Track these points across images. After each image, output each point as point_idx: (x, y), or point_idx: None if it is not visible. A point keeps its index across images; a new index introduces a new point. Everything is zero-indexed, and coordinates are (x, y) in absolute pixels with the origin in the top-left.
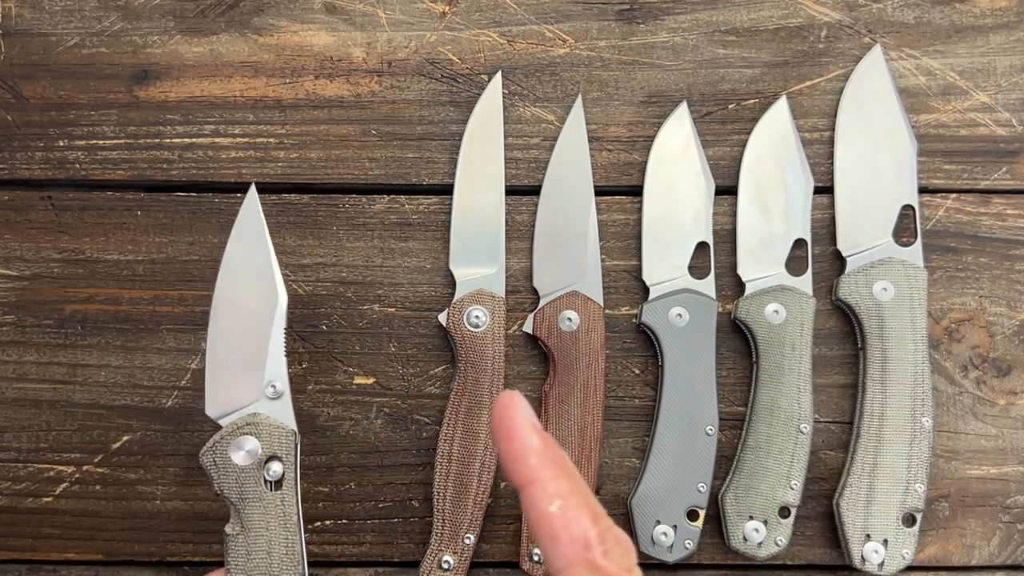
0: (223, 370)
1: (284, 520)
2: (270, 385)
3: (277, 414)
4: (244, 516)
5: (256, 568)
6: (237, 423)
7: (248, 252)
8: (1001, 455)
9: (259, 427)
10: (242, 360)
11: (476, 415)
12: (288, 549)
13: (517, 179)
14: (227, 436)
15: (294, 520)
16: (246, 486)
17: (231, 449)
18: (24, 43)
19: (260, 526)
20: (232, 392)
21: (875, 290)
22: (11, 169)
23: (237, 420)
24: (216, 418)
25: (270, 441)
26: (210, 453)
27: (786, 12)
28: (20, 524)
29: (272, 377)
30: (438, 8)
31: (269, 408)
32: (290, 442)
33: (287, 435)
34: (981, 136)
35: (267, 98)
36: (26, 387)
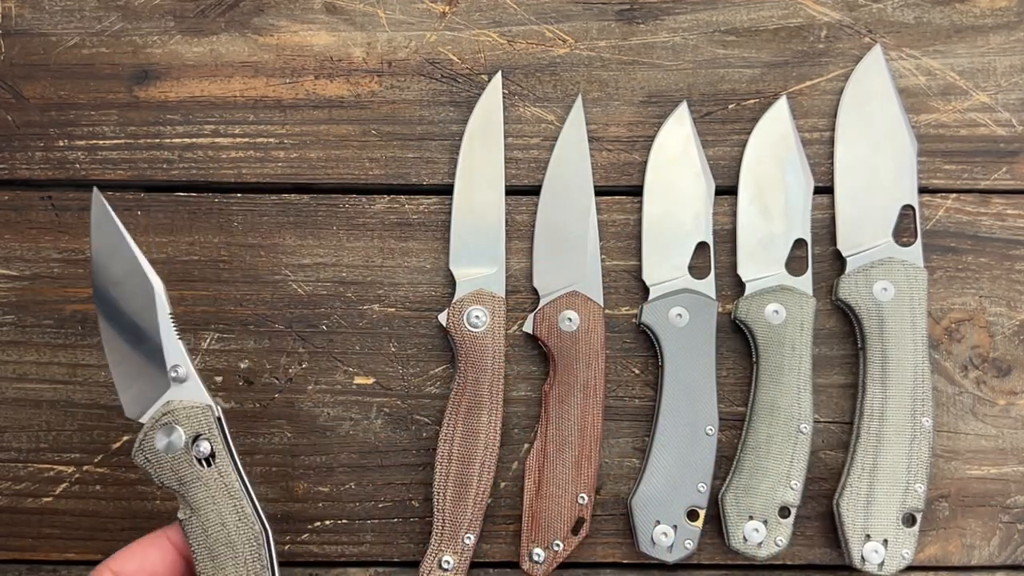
0: (126, 371)
1: (227, 490)
2: (173, 370)
3: (189, 395)
4: (190, 499)
5: (217, 542)
6: (155, 416)
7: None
8: (1001, 455)
9: (176, 413)
10: (140, 356)
11: (476, 415)
12: (240, 514)
13: (517, 179)
14: (149, 432)
15: (237, 487)
16: (181, 471)
17: (156, 442)
18: (24, 43)
19: (207, 503)
20: (141, 389)
21: (875, 290)
22: (11, 169)
23: (155, 414)
24: (136, 417)
25: (190, 423)
26: (140, 452)
27: (786, 12)
28: (20, 524)
29: (173, 362)
30: (438, 8)
31: (179, 392)
32: (208, 417)
33: (204, 412)
34: (981, 136)
35: (267, 98)
36: (26, 387)
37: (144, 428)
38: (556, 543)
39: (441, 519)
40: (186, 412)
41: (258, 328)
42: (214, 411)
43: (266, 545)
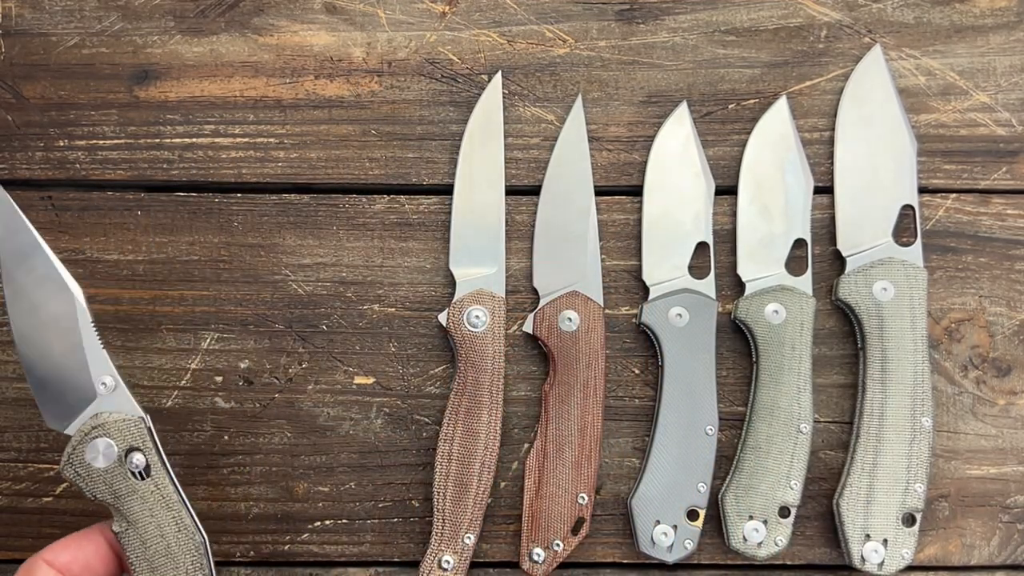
0: (47, 381)
1: (165, 502)
2: (100, 382)
3: (119, 407)
4: (126, 512)
5: (156, 553)
6: (83, 429)
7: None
8: (1001, 455)
9: (107, 426)
10: (63, 366)
11: (476, 415)
12: (179, 525)
13: (517, 179)
14: (79, 444)
15: (175, 498)
16: (116, 485)
17: (88, 455)
18: (24, 43)
19: (145, 516)
20: (66, 400)
21: (875, 290)
22: (11, 169)
23: (83, 426)
24: (61, 429)
25: (122, 435)
26: (69, 466)
27: (786, 12)
28: (20, 524)
29: (100, 373)
30: (438, 8)
31: (109, 404)
32: (142, 429)
33: (136, 424)
34: (981, 136)
35: (267, 98)
36: (26, 387)
37: (72, 441)
38: (556, 543)
39: (441, 519)
40: (118, 425)
41: (258, 328)
42: (146, 422)
43: (207, 555)
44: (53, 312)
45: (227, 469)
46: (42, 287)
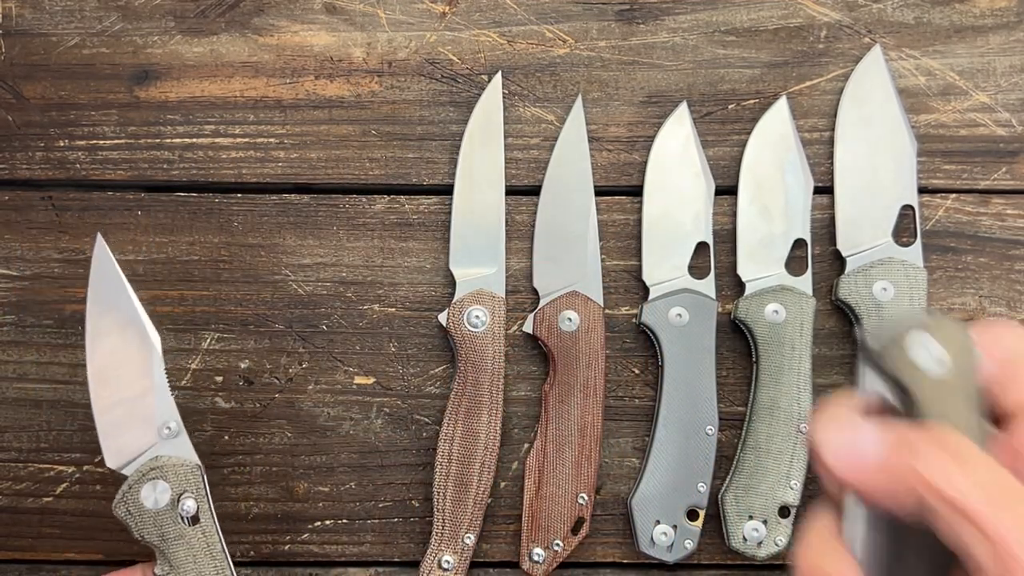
0: (114, 421)
1: (210, 551)
2: (165, 427)
3: (178, 452)
4: (170, 556)
5: None
6: (142, 470)
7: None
8: None
9: (164, 469)
10: (131, 408)
11: (476, 415)
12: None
13: (517, 179)
14: (136, 484)
15: (219, 548)
16: (165, 528)
17: (142, 496)
18: (24, 43)
19: (188, 563)
20: (129, 440)
21: (875, 290)
22: (11, 169)
23: (141, 467)
24: (118, 468)
25: (178, 480)
26: (122, 504)
27: (786, 12)
28: (20, 524)
29: (165, 418)
30: (438, 8)
31: (168, 448)
32: (197, 477)
33: (193, 471)
34: (981, 136)
35: (267, 98)
36: (26, 387)
37: (129, 480)
38: (556, 543)
39: (441, 519)
40: (174, 469)
41: (258, 328)
42: (201, 471)
43: None
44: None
45: (227, 469)
46: (124, 331)
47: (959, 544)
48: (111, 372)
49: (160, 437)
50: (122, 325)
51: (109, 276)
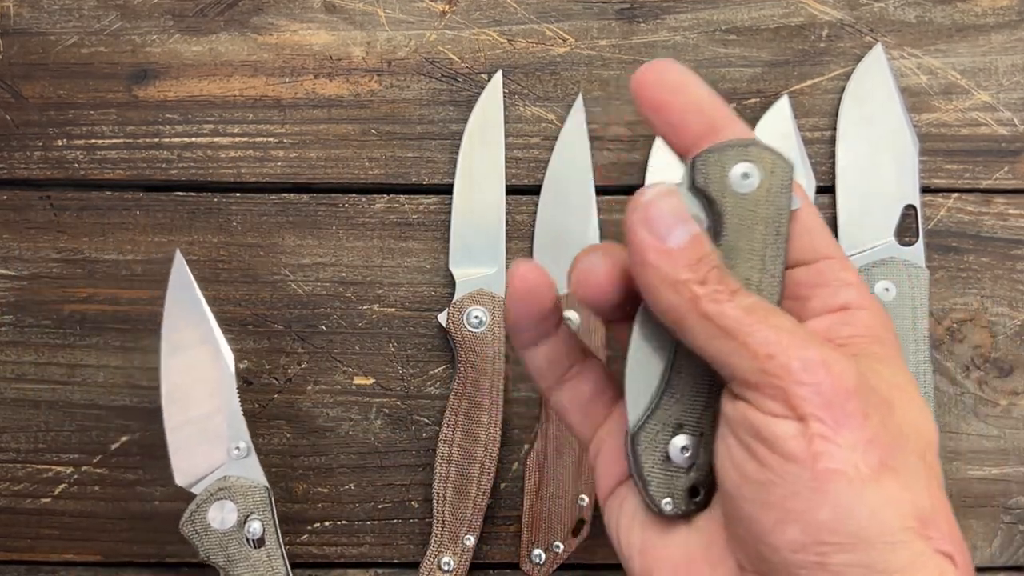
0: (185, 439)
1: (274, 574)
2: (235, 447)
3: (247, 473)
4: None
5: None
6: (210, 489)
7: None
8: (1003, 456)
9: (232, 490)
10: (203, 426)
11: (476, 415)
12: None
13: (517, 179)
14: (203, 504)
15: (282, 572)
16: (231, 549)
17: (210, 516)
18: (23, 42)
19: None
20: (199, 459)
21: (877, 290)
22: (9, 169)
23: (210, 487)
24: (187, 485)
25: (245, 502)
26: (190, 523)
27: (787, 11)
28: (18, 525)
29: (236, 438)
30: (438, 7)
31: (238, 469)
32: (264, 499)
33: (260, 493)
34: (983, 136)
35: (266, 97)
36: (24, 387)
37: (197, 499)
38: (556, 544)
39: (441, 520)
40: (243, 490)
41: (257, 328)
42: (269, 493)
43: None
44: (206, 374)
45: None
46: (200, 348)
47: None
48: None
49: (230, 457)
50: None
51: (186, 291)
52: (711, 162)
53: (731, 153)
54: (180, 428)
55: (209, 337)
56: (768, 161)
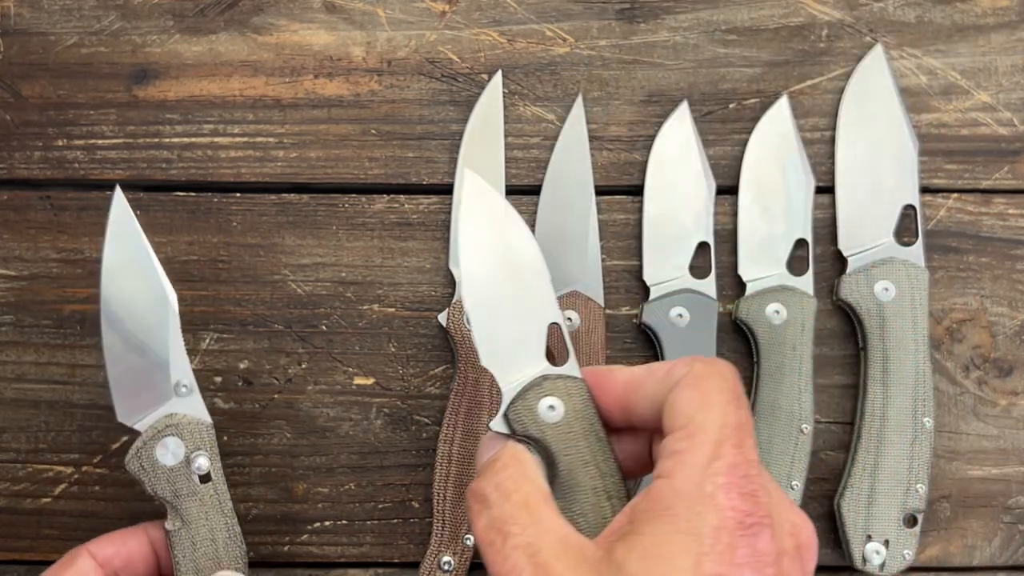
0: (127, 377)
1: (221, 508)
2: (180, 385)
3: (192, 411)
4: (183, 511)
5: (203, 556)
6: (156, 426)
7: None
8: (1002, 455)
9: (179, 427)
10: (145, 365)
11: (476, 415)
12: (230, 533)
13: (517, 179)
14: (150, 441)
15: (229, 506)
16: (178, 484)
17: (156, 452)
18: (23, 42)
19: (200, 518)
20: (142, 396)
21: (876, 290)
22: (9, 169)
23: (156, 423)
24: (131, 424)
25: (192, 438)
26: (136, 459)
27: (787, 11)
28: (19, 525)
29: (179, 376)
30: (438, 7)
31: (182, 406)
32: (211, 435)
33: (206, 429)
34: (982, 136)
35: (266, 97)
36: (25, 387)
37: (143, 436)
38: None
39: (441, 520)
40: (189, 427)
41: (257, 328)
42: (213, 431)
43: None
44: (146, 312)
45: (226, 470)
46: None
47: None
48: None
49: (175, 395)
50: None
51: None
52: (520, 408)
53: (532, 392)
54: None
55: (151, 274)
56: (562, 388)
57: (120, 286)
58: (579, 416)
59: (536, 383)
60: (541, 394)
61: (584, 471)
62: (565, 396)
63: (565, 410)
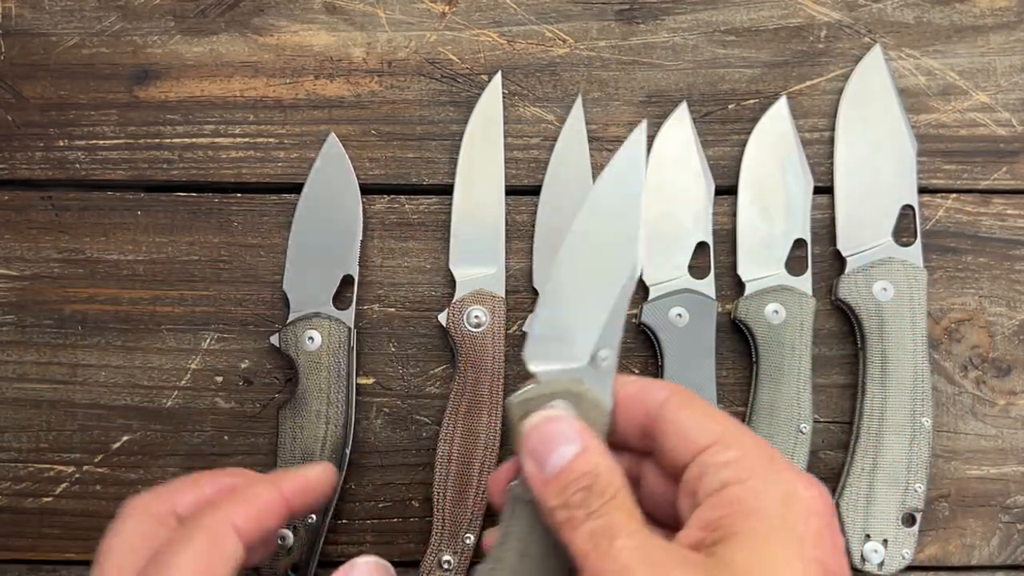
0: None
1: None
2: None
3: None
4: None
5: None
6: (307, 315)
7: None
8: (1001, 455)
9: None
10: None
11: (476, 415)
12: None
13: (517, 179)
14: (297, 323)
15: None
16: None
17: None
18: (24, 43)
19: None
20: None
21: (875, 290)
22: (11, 169)
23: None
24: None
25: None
26: (282, 337)
27: (786, 12)
28: (20, 524)
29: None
30: (438, 8)
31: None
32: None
33: (346, 332)
34: (981, 136)
35: (267, 98)
36: (26, 387)
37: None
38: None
39: (441, 519)
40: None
41: (258, 328)
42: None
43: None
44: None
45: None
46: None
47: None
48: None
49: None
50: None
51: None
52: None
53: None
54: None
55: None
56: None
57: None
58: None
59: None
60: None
61: None
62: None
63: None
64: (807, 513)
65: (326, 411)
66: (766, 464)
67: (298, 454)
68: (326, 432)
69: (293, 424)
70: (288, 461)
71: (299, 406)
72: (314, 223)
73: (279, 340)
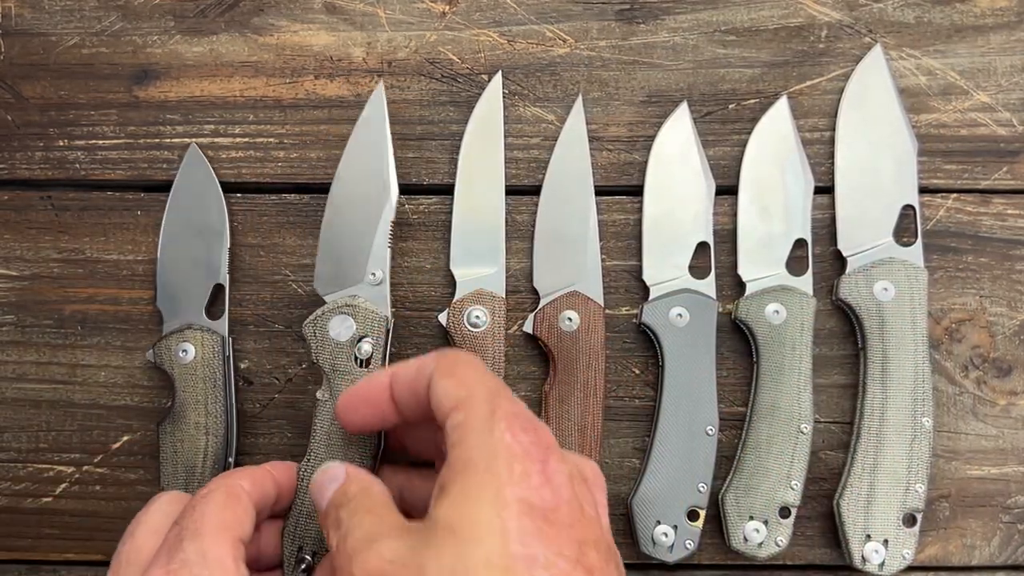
0: (332, 253)
1: None
2: (372, 273)
3: (374, 299)
4: (334, 386)
5: (339, 431)
6: (339, 302)
7: (368, 150)
8: (1001, 455)
9: (356, 308)
10: (350, 246)
11: None
12: None
13: (517, 179)
14: (328, 312)
15: None
16: (338, 360)
17: (330, 324)
18: (24, 43)
19: None
20: (339, 273)
21: (876, 290)
22: (11, 169)
23: (339, 299)
24: (322, 293)
25: (364, 323)
26: (311, 325)
27: (786, 12)
28: (20, 524)
29: (374, 267)
30: (438, 8)
31: (368, 293)
32: (381, 327)
33: (379, 320)
34: (981, 136)
35: (267, 98)
36: (26, 387)
37: (324, 307)
38: None
39: None
40: (365, 312)
41: (258, 328)
42: (388, 324)
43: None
44: (367, 200)
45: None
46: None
47: None
48: (345, 210)
49: (364, 281)
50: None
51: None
52: None
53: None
54: (330, 243)
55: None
56: None
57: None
58: None
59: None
60: None
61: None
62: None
63: None
64: (509, 458)
65: (205, 422)
66: (485, 421)
67: (180, 467)
68: (206, 443)
69: (173, 438)
70: (171, 475)
71: (178, 419)
72: (180, 236)
73: (153, 355)
